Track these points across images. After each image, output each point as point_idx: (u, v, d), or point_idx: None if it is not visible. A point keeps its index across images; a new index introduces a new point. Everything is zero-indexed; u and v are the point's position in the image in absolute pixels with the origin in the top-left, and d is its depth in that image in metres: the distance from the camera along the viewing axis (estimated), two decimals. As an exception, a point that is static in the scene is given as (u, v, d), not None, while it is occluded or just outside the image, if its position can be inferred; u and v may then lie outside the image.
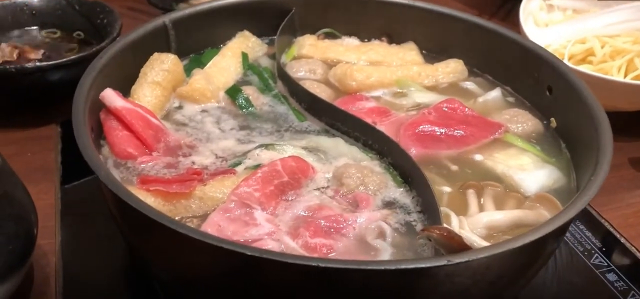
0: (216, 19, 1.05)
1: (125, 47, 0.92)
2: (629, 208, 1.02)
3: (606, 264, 0.92)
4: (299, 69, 1.04)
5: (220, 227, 0.72)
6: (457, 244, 0.62)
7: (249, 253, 0.58)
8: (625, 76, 1.18)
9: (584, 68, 1.16)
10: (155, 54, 0.95)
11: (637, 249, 0.94)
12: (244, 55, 1.04)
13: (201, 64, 1.02)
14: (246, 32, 1.07)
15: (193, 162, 0.83)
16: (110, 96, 0.84)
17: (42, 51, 1.21)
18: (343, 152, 0.87)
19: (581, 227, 0.97)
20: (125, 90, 0.92)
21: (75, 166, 0.99)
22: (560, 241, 0.83)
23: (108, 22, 1.23)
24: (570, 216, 0.66)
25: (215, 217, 0.73)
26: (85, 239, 0.91)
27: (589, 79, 1.10)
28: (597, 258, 0.93)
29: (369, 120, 0.92)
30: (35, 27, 1.28)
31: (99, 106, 0.86)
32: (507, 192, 0.82)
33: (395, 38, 1.12)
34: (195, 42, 1.05)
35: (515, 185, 0.83)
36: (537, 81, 0.96)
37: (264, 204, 0.76)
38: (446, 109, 0.93)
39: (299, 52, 1.08)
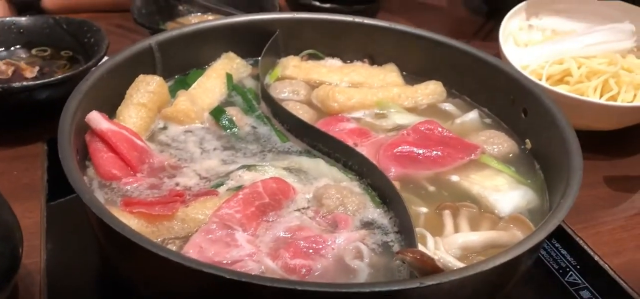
0: (201, 41, 1.07)
1: (111, 69, 0.94)
2: (603, 226, 1.05)
3: (580, 281, 0.94)
4: (282, 90, 1.06)
5: (202, 248, 0.74)
6: (430, 267, 0.64)
7: (227, 276, 0.60)
8: (601, 96, 1.21)
9: (561, 89, 1.20)
10: (141, 76, 0.97)
11: (610, 267, 0.97)
12: (229, 76, 1.06)
13: (186, 85, 1.04)
14: (231, 54, 1.10)
15: (177, 184, 0.85)
16: (96, 119, 0.86)
17: (37, 68, 1.23)
18: (324, 172, 0.89)
19: (557, 245, 1.00)
20: (111, 110, 0.94)
21: (61, 183, 1.00)
22: (533, 260, 0.86)
23: (95, 41, 1.24)
24: (540, 238, 0.69)
25: (197, 238, 0.75)
26: (70, 257, 0.92)
27: (565, 99, 1.14)
28: (571, 275, 0.95)
29: (350, 141, 0.94)
30: (21, 46, 1.29)
31: (85, 128, 0.87)
32: (482, 213, 0.84)
33: (376, 59, 1.14)
34: (181, 63, 1.07)
35: (490, 206, 0.86)
36: (513, 104, 0.99)
37: (245, 226, 0.78)
38: (424, 131, 0.96)
39: (282, 73, 1.10)
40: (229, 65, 1.08)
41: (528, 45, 1.37)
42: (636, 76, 1.23)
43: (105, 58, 1.17)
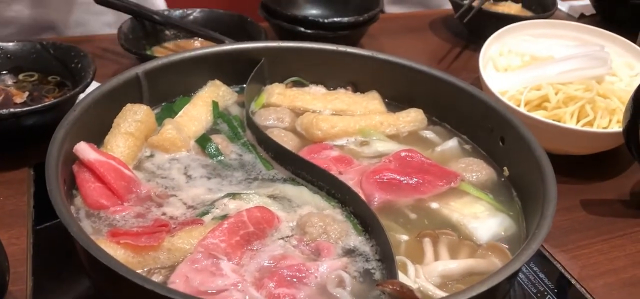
0: (187, 69, 1.09)
1: (98, 99, 0.95)
2: (579, 250, 1.08)
3: (557, 305, 0.97)
4: (267, 118, 1.09)
5: (188, 278, 0.75)
6: (409, 298, 0.66)
7: (212, 309, 0.61)
8: (578, 121, 1.25)
9: (538, 114, 1.23)
10: (128, 105, 0.99)
11: (586, 291, 0.99)
12: (214, 104, 1.08)
13: (173, 112, 1.06)
14: (217, 81, 1.12)
15: (164, 213, 0.87)
16: (84, 149, 0.87)
17: (27, 93, 1.24)
18: (307, 200, 0.91)
19: (535, 269, 1.02)
20: (98, 139, 0.96)
21: (47, 208, 1.00)
22: (510, 288, 0.88)
23: (82, 66, 1.25)
24: (515, 268, 0.71)
25: (183, 268, 0.76)
26: (56, 284, 0.92)
27: (543, 125, 1.17)
28: (549, 299, 0.98)
29: (334, 169, 0.97)
30: (7, 71, 1.29)
31: (72, 157, 0.89)
32: (461, 240, 0.87)
33: (359, 87, 1.17)
34: (167, 90, 1.09)
35: (469, 233, 0.88)
36: (491, 132, 1.02)
37: (230, 255, 0.79)
38: (405, 158, 0.98)
39: (267, 101, 1.12)
40: (214, 93, 1.10)
41: (507, 70, 1.41)
42: (611, 102, 1.26)
43: (93, 83, 1.18)
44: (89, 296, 0.90)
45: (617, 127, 1.23)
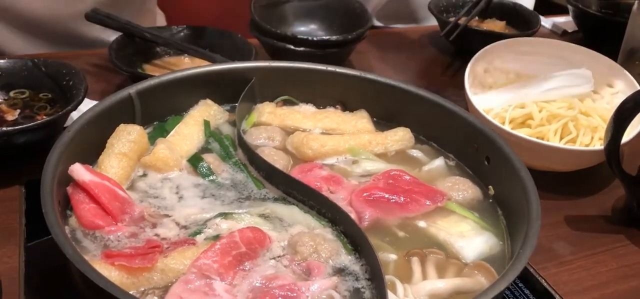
0: (179, 89, 1.11)
1: (91, 120, 0.96)
2: (563, 266, 1.10)
3: (542, 321, 0.99)
4: (258, 137, 1.10)
5: (182, 298, 0.77)
6: (398, 318, 0.68)
7: (207, 331, 0.63)
8: (561, 139, 1.28)
9: (522, 132, 1.26)
10: (122, 126, 1.00)
11: (570, 306, 1.02)
12: (206, 123, 1.10)
13: (165, 131, 1.07)
14: (208, 101, 1.13)
15: (157, 234, 0.88)
16: (79, 170, 0.89)
17: (18, 111, 1.24)
18: (298, 219, 0.93)
19: (520, 285, 1.05)
20: (91, 159, 0.97)
21: (38, 224, 1.01)
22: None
23: (74, 84, 1.26)
24: (500, 289, 0.73)
25: (176, 289, 0.78)
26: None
27: (527, 143, 1.20)
28: (534, 315, 1.00)
29: (324, 187, 0.99)
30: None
31: (66, 178, 0.90)
32: (448, 259, 0.89)
33: (348, 105, 1.19)
34: (159, 110, 1.10)
35: (456, 252, 0.90)
36: (477, 151, 1.05)
37: (223, 275, 0.81)
38: (393, 177, 1.00)
39: (258, 119, 1.14)
40: (206, 112, 1.11)
41: (492, 87, 1.44)
42: (593, 119, 1.30)
43: (85, 101, 1.19)
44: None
45: (598, 144, 1.26)
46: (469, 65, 1.41)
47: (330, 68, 1.17)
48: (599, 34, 1.90)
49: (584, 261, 1.12)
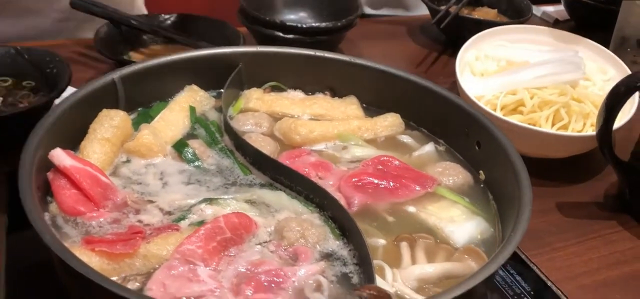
0: (164, 74, 1.08)
1: (73, 104, 0.94)
2: (555, 252, 1.09)
3: (534, 308, 0.98)
4: (245, 123, 1.08)
5: (165, 284, 0.75)
6: (385, 301, 0.66)
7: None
8: (552, 125, 1.26)
9: (514, 119, 1.24)
10: (105, 111, 0.98)
11: (563, 293, 1.00)
12: (192, 109, 1.08)
13: (149, 118, 1.05)
14: (194, 86, 1.11)
15: (140, 220, 0.86)
16: (59, 155, 0.86)
17: (1, 99, 1.22)
18: (285, 205, 0.91)
19: (512, 271, 1.03)
20: (74, 145, 0.94)
21: (21, 216, 0.99)
22: (487, 290, 0.89)
23: (58, 72, 1.24)
24: (491, 271, 0.72)
25: (159, 275, 0.76)
26: (30, 292, 0.91)
27: (519, 129, 1.19)
28: (526, 301, 0.99)
29: (312, 173, 0.97)
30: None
31: (47, 164, 0.87)
32: (438, 244, 0.88)
33: (337, 91, 1.17)
34: (144, 96, 1.08)
35: (446, 237, 0.89)
36: (467, 136, 1.03)
37: (207, 261, 0.79)
38: (383, 163, 0.99)
39: (245, 106, 1.12)
40: (192, 98, 1.09)
41: (484, 74, 1.42)
42: (585, 106, 1.29)
43: (69, 89, 1.17)
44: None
45: (591, 130, 1.25)
46: (460, 52, 1.39)
47: (319, 53, 1.15)
48: (591, 22, 1.89)
49: (576, 247, 1.10)
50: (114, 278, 0.76)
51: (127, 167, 0.96)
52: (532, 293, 1.00)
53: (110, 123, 0.96)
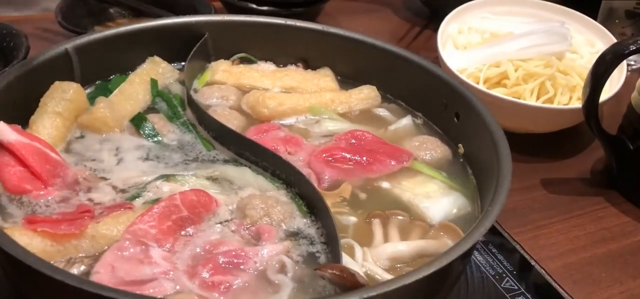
0: (124, 45, 1.02)
1: (21, 76, 0.88)
2: (539, 230, 1.04)
3: (516, 287, 0.93)
4: (211, 96, 1.02)
5: (114, 267, 0.69)
6: (350, 283, 0.61)
7: (129, 300, 0.55)
8: (538, 98, 1.21)
9: (497, 92, 1.19)
10: (56, 83, 0.91)
11: (546, 272, 0.96)
12: (153, 82, 1.01)
13: (108, 91, 0.99)
14: (156, 58, 1.04)
15: (90, 199, 0.80)
16: (4, 130, 0.80)
17: None
18: (249, 182, 0.85)
19: (493, 250, 0.98)
20: (24, 120, 0.88)
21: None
22: (464, 268, 0.84)
23: (14, 45, 1.17)
24: (465, 248, 0.66)
25: (108, 257, 0.70)
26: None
27: (502, 103, 1.13)
28: (508, 281, 0.94)
29: (281, 149, 0.91)
30: None
31: (-10, 139, 0.81)
32: (412, 221, 0.82)
33: (311, 63, 1.11)
34: (102, 68, 1.01)
35: (421, 214, 0.83)
36: (446, 108, 0.98)
37: (161, 241, 0.73)
38: (356, 137, 0.93)
39: (212, 78, 1.06)
40: (154, 70, 1.03)
41: (467, 48, 1.36)
42: (572, 78, 1.23)
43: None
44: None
45: (577, 104, 1.19)
46: (442, 24, 1.33)
47: (291, 22, 1.09)
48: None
49: (560, 224, 1.05)
50: (57, 260, 0.69)
51: (81, 143, 0.90)
52: (514, 272, 0.95)
53: (63, 96, 0.90)
